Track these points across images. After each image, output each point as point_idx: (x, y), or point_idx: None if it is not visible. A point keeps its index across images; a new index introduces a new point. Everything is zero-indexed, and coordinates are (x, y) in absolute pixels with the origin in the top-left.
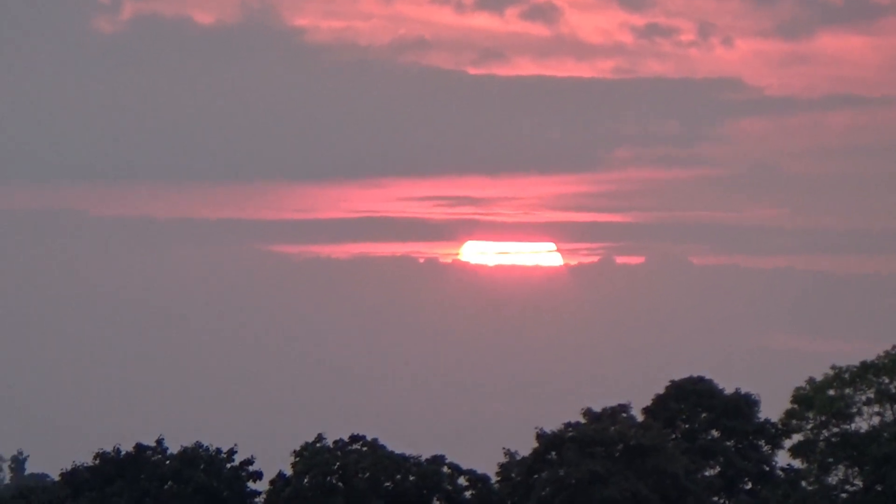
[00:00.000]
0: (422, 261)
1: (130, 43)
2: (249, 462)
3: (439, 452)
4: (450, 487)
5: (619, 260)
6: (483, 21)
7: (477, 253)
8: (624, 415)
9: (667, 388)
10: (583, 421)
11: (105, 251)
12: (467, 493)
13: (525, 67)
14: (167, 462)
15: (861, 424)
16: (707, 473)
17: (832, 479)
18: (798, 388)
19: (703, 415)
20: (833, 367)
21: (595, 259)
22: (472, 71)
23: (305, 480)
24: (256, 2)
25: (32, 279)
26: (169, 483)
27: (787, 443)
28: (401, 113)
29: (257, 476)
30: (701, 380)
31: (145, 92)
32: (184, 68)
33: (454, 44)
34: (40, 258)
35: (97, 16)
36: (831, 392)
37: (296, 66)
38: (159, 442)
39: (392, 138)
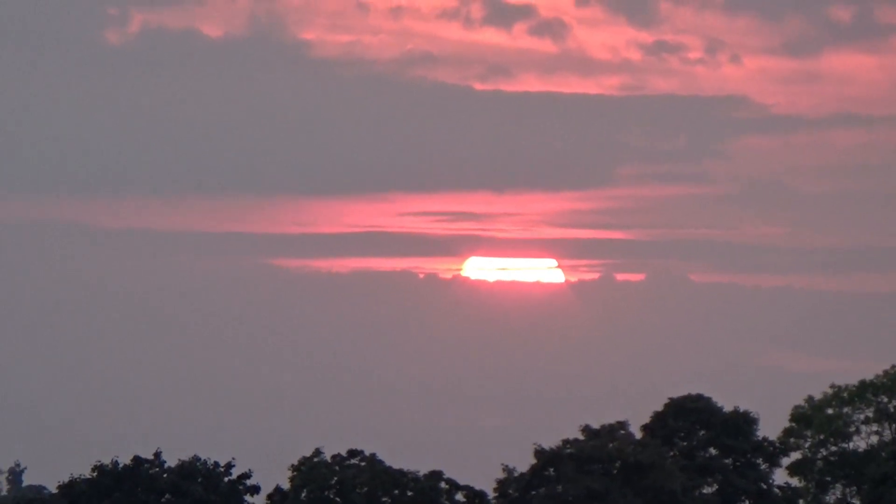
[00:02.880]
0: (422, 276)
1: (138, 55)
2: (247, 476)
3: (437, 468)
4: (447, 503)
5: (620, 277)
6: (490, 36)
7: (478, 269)
8: (622, 432)
9: (665, 405)
10: (581, 437)
11: (105, 263)
12: None
13: (531, 83)
14: (165, 475)
15: (859, 443)
16: (705, 491)
17: (830, 498)
18: (797, 407)
19: (702, 432)
20: (832, 386)
21: (595, 276)
22: (479, 86)
23: (303, 495)
24: (264, 15)
25: (31, 291)
26: (166, 496)
27: (785, 461)
28: (405, 128)
29: (255, 490)
30: (699, 397)
31: (151, 104)
32: (191, 81)
33: (461, 59)
34: (40, 270)
35: (106, 28)
36: (830, 411)
37: (302, 79)
38: (157, 455)
39: (396, 153)
